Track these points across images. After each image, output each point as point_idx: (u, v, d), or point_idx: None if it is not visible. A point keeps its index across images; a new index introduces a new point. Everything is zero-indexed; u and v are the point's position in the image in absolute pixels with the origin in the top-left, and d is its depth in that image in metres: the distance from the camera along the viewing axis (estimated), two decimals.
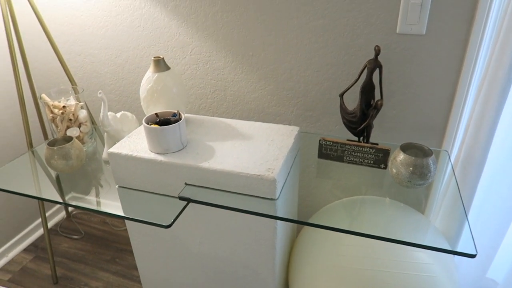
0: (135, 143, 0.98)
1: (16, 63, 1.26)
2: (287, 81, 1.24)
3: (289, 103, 1.28)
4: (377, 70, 1.04)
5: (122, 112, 1.14)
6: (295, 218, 1.21)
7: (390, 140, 1.21)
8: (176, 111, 0.97)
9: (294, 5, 1.12)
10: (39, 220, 1.83)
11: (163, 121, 0.96)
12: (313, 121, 1.28)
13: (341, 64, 1.16)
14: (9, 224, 1.69)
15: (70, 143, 1.04)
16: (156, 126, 0.91)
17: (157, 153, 0.93)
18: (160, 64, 1.01)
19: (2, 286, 1.54)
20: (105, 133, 1.11)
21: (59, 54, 1.37)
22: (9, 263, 1.68)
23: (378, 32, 1.08)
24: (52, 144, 1.06)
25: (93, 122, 1.47)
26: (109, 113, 1.08)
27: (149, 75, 1.02)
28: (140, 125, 1.17)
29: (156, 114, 0.97)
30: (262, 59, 1.23)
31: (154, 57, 1.01)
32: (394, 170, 0.94)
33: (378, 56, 1.08)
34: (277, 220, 0.94)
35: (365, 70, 1.01)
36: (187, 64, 1.34)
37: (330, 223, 0.89)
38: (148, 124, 0.93)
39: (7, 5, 1.22)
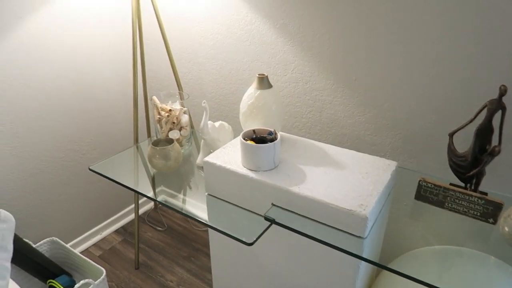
0: (229, 155, 1.01)
1: (136, 65, 1.40)
2: (389, 110, 1.17)
3: (387, 133, 1.20)
4: (499, 112, 0.92)
5: (220, 122, 1.19)
6: (377, 258, 1.14)
7: (504, 191, 1.07)
8: (272, 130, 0.98)
9: (407, 31, 1.05)
10: (132, 206, 2.01)
11: (259, 138, 0.97)
12: (412, 156, 1.19)
13: (454, 99, 1.05)
14: (107, 206, 1.88)
15: (171, 145, 1.12)
16: (252, 142, 0.93)
17: (249, 169, 0.94)
18: (264, 82, 1.03)
19: (93, 260, 1.71)
20: (202, 140, 1.17)
21: (172, 59, 1.49)
22: (102, 241, 1.86)
23: (508, 69, 0.96)
24: (155, 144, 1.15)
25: (191, 126, 1.57)
26: (208, 122, 1.14)
27: (251, 91, 1.04)
28: (234, 137, 1.21)
29: (253, 130, 0.99)
30: (365, 85, 1.19)
31: (259, 74, 1.03)
32: (507, 229, 0.82)
33: (503, 97, 0.96)
34: None
35: (484, 111, 0.90)
36: (287, 81, 1.35)
37: (415, 272, 0.81)
38: (244, 139, 0.95)
39: (137, 14, 1.37)
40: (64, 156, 1.60)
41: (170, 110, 1.25)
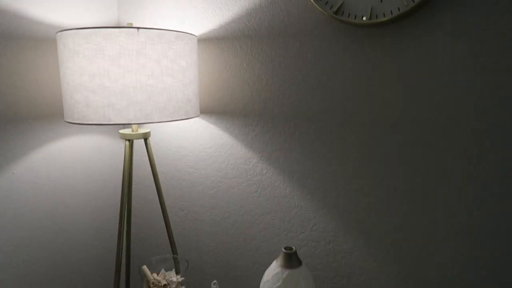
0: None
1: (124, 224, 1.17)
2: (440, 284, 0.96)
3: None
4: None
5: None
6: None
7: None
8: None
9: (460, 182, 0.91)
10: None
11: None
12: None
13: None
14: None
15: None
16: None
17: None
18: (292, 259, 0.82)
19: None
20: None
21: (164, 209, 1.27)
22: None
23: None
24: None
25: None
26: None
27: (277, 271, 0.82)
28: None
29: None
30: (407, 250, 1.00)
31: (285, 249, 0.83)
32: None
33: None
34: None
35: None
36: (305, 239, 1.15)
37: None
38: None
39: (129, 160, 1.20)
40: None
41: (165, 285, 0.99)
